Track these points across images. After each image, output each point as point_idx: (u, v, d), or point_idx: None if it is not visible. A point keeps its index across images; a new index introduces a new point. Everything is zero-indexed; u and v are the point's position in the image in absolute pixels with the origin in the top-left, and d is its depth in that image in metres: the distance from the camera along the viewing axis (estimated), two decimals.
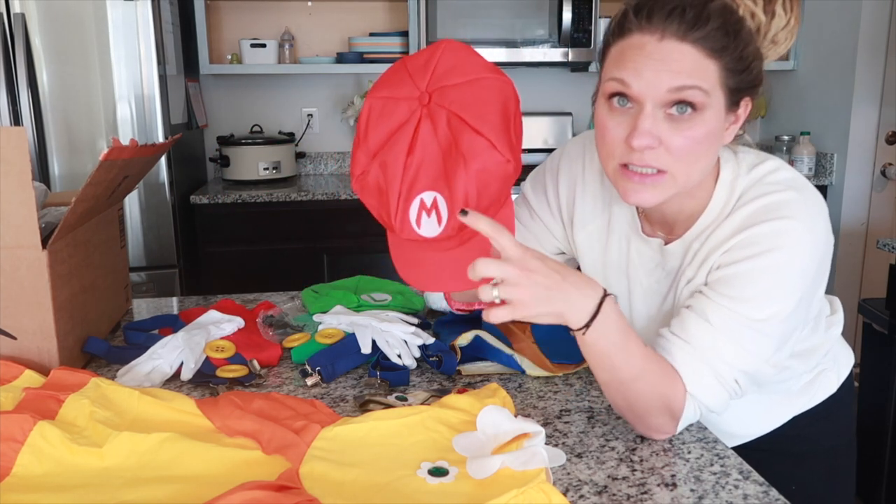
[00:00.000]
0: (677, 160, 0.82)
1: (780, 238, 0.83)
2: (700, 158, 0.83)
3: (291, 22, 3.18)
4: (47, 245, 0.97)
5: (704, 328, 0.84)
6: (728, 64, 0.80)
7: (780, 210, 0.84)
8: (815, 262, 0.84)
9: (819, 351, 1.03)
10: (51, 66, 2.36)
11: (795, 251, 0.83)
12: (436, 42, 0.85)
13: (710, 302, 0.85)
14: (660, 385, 0.82)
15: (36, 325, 0.99)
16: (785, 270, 0.83)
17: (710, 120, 0.81)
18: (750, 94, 0.85)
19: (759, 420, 1.05)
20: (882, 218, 3.00)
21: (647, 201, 0.85)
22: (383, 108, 0.87)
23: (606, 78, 0.84)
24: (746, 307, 0.83)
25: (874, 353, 2.06)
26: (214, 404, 0.87)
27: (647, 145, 0.80)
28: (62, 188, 2.43)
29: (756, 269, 0.83)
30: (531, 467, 0.72)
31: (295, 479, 0.72)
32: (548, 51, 2.97)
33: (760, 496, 0.74)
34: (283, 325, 1.23)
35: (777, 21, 0.86)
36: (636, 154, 0.81)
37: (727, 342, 0.83)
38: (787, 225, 0.83)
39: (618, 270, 1.02)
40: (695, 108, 0.80)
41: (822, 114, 3.07)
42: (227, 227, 2.71)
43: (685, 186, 0.85)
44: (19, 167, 0.92)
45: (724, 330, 0.83)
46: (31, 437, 0.77)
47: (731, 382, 0.84)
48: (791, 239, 0.83)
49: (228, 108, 3.22)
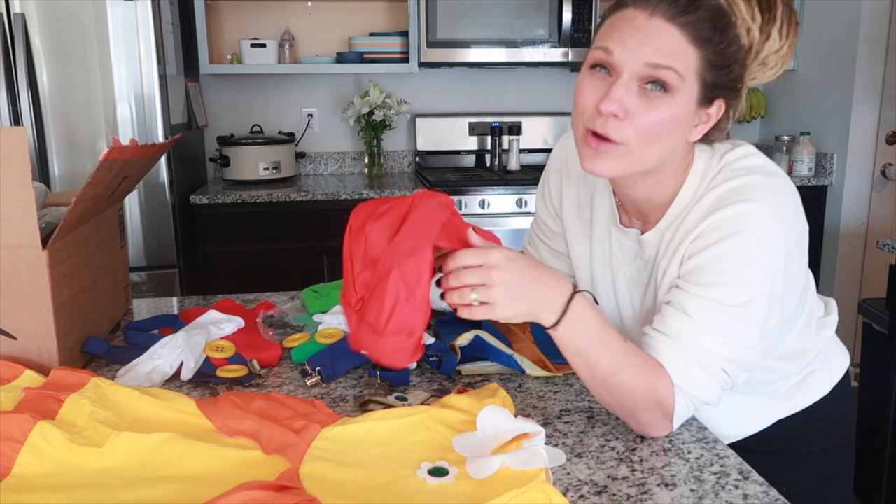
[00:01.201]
0: (638, 135, 0.83)
1: (743, 220, 0.83)
2: (659, 140, 0.84)
3: (291, 22, 3.18)
4: (47, 245, 0.97)
5: (683, 321, 0.84)
6: (709, 56, 0.82)
7: (742, 193, 0.85)
8: (784, 242, 0.84)
9: (809, 353, 1.03)
10: (51, 66, 2.36)
11: (761, 232, 0.83)
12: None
13: (685, 294, 0.86)
14: (644, 379, 0.82)
15: (36, 325, 0.99)
16: (752, 252, 0.83)
17: (680, 105, 0.83)
18: (725, 95, 0.86)
19: (745, 421, 1.05)
20: (882, 218, 3.00)
21: (602, 170, 0.86)
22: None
23: (593, 48, 0.86)
24: (720, 293, 0.83)
25: (874, 353, 2.06)
26: (214, 404, 0.87)
27: (613, 111, 0.82)
28: (62, 188, 2.43)
29: (723, 253, 0.84)
30: (531, 467, 0.72)
31: (295, 479, 0.72)
32: (548, 51, 2.97)
33: (760, 496, 0.74)
34: (283, 325, 1.23)
35: (771, 44, 0.87)
36: (601, 120, 0.84)
37: (707, 332, 0.83)
38: (750, 207, 0.83)
39: (602, 262, 1.03)
40: (667, 89, 0.82)
41: (822, 114, 3.07)
42: (227, 227, 2.71)
43: (639, 166, 0.86)
44: (19, 167, 0.92)
45: (702, 321, 0.84)
46: (31, 437, 0.77)
47: (718, 372, 0.84)
48: (755, 220, 0.83)
49: (228, 108, 3.22)
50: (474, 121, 3.27)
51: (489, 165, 3.25)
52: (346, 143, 3.33)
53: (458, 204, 2.79)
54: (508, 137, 3.16)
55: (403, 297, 0.78)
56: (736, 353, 0.84)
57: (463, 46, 2.93)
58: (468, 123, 3.27)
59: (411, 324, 0.78)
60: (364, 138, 3.22)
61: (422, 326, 0.79)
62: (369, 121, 3.13)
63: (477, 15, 2.91)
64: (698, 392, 0.84)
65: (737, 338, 0.84)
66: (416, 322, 0.78)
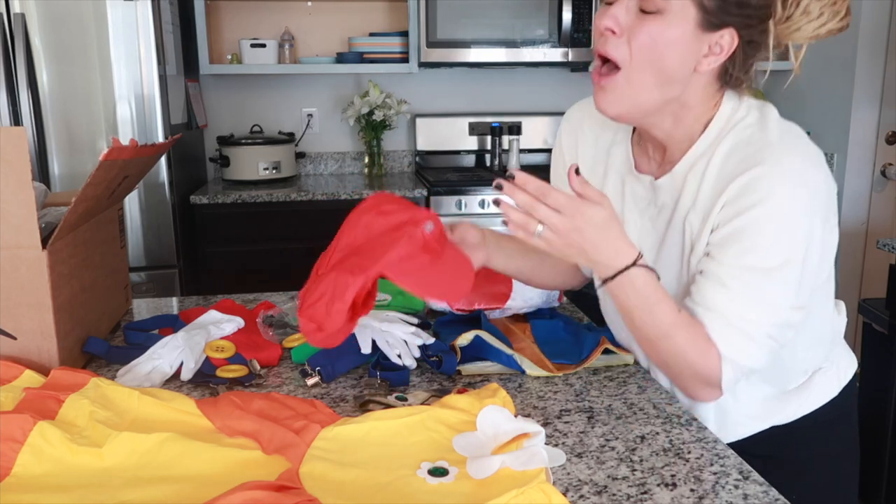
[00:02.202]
0: (634, 55, 0.85)
1: (772, 183, 0.83)
2: (656, 63, 0.85)
3: (291, 22, 3.18)
4: (47, 245, 0.97)
5: (722, 293, 0.86)
6: None
7: (772, 153, 0.85)
8: (813, 202, 0.84)
9: (824, 343, 1.03)
10: (51, 66, 2.36)
11: (792, 193, 0.83)
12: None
13: (720, 265, 0.86)
14: (690, 349, 0.85)
15: (36, 325, 0.99)
16: (784, 215, 0.83)
17: (675, 27, 0.83)
18: (735, 24, 0.85)
19: (752, 416, 1.04)
20: (882, 218, 3.00)
21: (605, 106, 0.89)
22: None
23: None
24: (756, 260, 0.84)
25: (874, 353, 2.06)
26: (214, 404, 0.87)
27: (608, 26, 0.85)
28: (62, 188, 2.43)
29: (755, 218, 0.84)
30: (531, 467, 0.72)
31: (295, 479, 0.72)
32: (548, 51, 2.97)
33: (760, 496, 0.74)
34: (283, 325, 1.23)
35: None
36: (601, 40, 0.87)
37: (748, 302, 0.85)
38: (779, 169, 0.84)
39: None
40: (658, 11, 0.83)
41: (822, 114, 3.07)
42: (227, 227, 2.71)
43: (643, 97, 0.87)
44: (19, 167, 0.92)
45: (741, 291, 0.85)
46: (31, 437, 0.77)
47: (764, 339, 0.86)
48: (784, 182, 0.83)
49: (228, 108, 3.22)
50: (474, 121, 3.27)
51: (489, 165, 3.25)
52: (346, 143, 3.33)
53: (458, 204, 2.79)
54: (508, 137, 3.16)
55: (327, 298, 0.86)
56: (779, 317, 0.85)
57: (463, 46, 2.93)
58: (468, 123, 3.27)
59: (321, 320, 0.86)
60: (364, 138, 3.22)
61: (332, 327, 0.86)
62: (369, 121, 3.13)
63: (477, 15, 2.91)
64: (746, 361, 0.86)
65: (776, 301, 0.85)
66: (327, 323, 0.86)
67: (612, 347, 1.09)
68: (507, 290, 1.24)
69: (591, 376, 1.05)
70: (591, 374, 1.06)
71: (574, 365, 1.07)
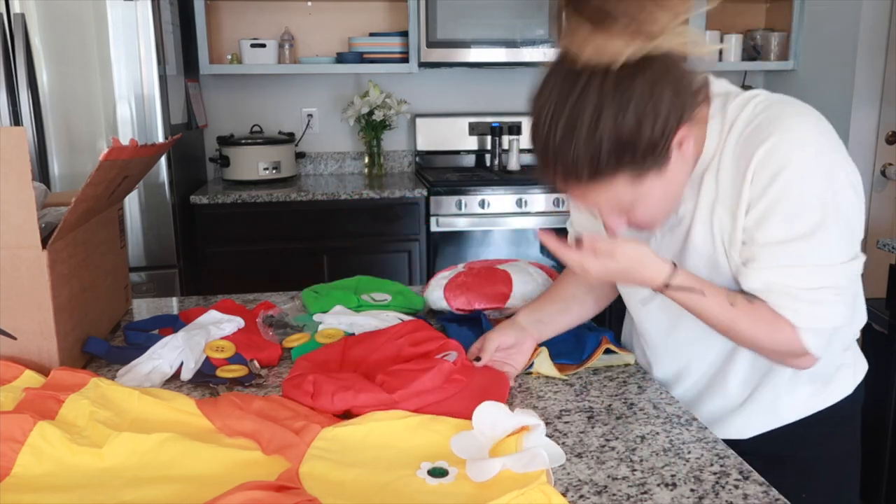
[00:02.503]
0: (643, 219, 0.90)
1: (789, 148, 0.84)
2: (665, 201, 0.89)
3: (291, 22, 3.18)
4: (47, 245, 0.97)
5: (776, 272, 0.87)
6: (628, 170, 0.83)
7: (777, 124, 0.86)
8: (828, 151, 0.86)
9: (847, 336, 1.03)
10: (51, 66, 2.36)
11: (807, 154, 0.84)
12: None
13: (764, 246, 0.87)
14: (763, 330, 0.88)
15: (36, 325, 0.98)
16: (807, 175, 0.84)
17: (648, 193, 0.85)
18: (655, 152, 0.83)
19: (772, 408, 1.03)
20: (882, 218, 3.00)
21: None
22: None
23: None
24: (796, 229, 0.85)
25: (874, 353, 2.05)
26: (214, 404, 0.87)
27: (620, 225, 0.90)
28: (62, 188, 2.43)
29: (782, 189, 0.84)
30: (532, 469, 0.72)
31: (295, 479, 0.72)
32: (548, 51, 2.96)
33: (760, 496, 0.74)
34: (283, 325, 1.23)
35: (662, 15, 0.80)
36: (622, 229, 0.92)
37: (803, 272, 0.86)
38: (789, 135, 0.85)
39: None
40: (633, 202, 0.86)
41: (822, 113, 3.07)
42: (227, 227, 2.70)
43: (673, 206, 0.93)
44: (19, 167, 0.92)
45: (792, 263, 0.86)
46: (31, 437, 0.77)
47: (832, 298, 0.86)
48: (797, 145, 0.84)
49: (228, 108, 3.22)
50: (474, 121, 3.27)
51: (489, 165, 3.25)
52: (346, 143, 3.33)
53: (458, 204, 2.79)
54: (508, 137, 3.16)
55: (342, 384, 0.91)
56: (840, 272, 0.86)
57: (463, 46, 2.93)
58: (468, 123, 3.27)
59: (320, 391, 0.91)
60: (364, 138, 3.22)
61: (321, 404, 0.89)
62: (369, 121, 3.12)
63: (477, 15, 2.91)
64: (825, 324, 0.87)
65: (832, 259, 0.85)
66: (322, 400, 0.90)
67: (614, 347, 1.09)
68: (507, 290, 1.24)
69: (592, 376, 1.05)
70: (591, 374, 1.06)
71: (576, 365, 1.07)
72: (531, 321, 1.09)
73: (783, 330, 0.88)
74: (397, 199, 2.78)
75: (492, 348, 1.03)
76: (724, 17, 3.37)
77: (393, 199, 2.77)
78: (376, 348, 1.05)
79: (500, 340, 1.04)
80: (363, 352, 1.05)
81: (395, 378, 0.92)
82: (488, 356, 1.03)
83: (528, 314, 1.11)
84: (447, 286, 1.26)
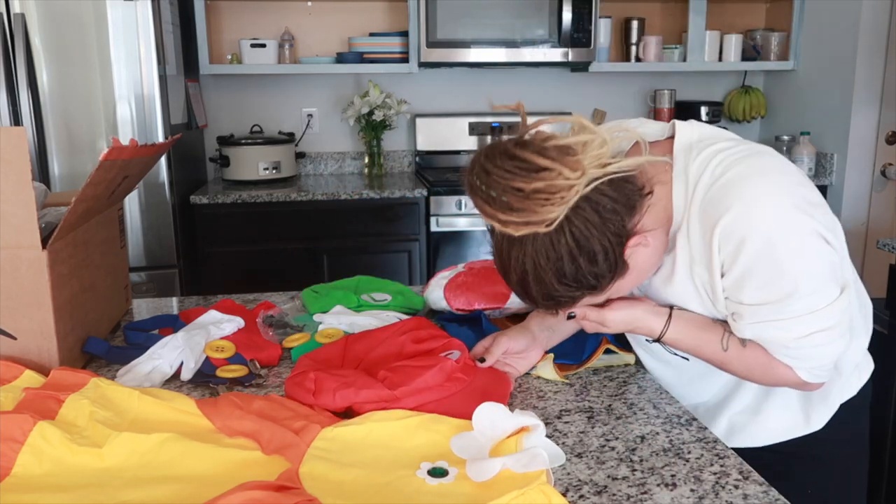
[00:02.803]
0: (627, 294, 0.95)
1: (749, 221, 0.83)
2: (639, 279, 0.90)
3: (291, 22, 3.18)
4: (47, 245, 0.97)
5: (765, 328, 0.87)
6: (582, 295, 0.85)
7: (732, 194, 0.84)
8: (790, 208, 0.83)
9: (848, 359, 1.03)
10: (51, 66, 2.36)
11: (770, 220, 0.83)
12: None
13: (748, 307, 0.87)
14: (758, 368, 0.91)
15: (36, 325, 0.98)
16: (775, 240, 0.83)
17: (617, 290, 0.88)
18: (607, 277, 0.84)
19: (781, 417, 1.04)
20: (882, 218, 3.00)
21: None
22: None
23: None
24: (771, 294, 0.85)
25: (874, 353, 2.05)
26: (214, 404, 0.87)
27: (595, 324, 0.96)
28: (62, 188, 2.43)
29: (750, 260, 0.84)
30: (532, 469, 0.72)
31: (295, 479, 0.72)
32: (548, 51, 2.97)
33: (760, 496, 0.74)
34: (283, 325, 1.23)
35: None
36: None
37: (792, 324, 0.86)
38: (746, 207, 0.83)
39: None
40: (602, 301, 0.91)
41: (822, 114, 3.07)
42: (227, 227, 2.70)
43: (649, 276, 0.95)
44: (19, 167, 0.92)
45: (780, 318, 0.86)
46: (31, 437, 0.77)
47: (822, 339, 0.87)
48: (757, 215, 0.83)
49: (228, 108, 3.22)
50: (474, 121, 3.27)
51: None
52: (346, 143, 3.33)
53: (458, 204, 2.79)
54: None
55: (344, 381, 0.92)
56: (826, 315, 0.86)
57: (463, 46, 2.93)
58: (468, 123, 3.27)
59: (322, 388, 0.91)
60: (364, 138, 3.22)
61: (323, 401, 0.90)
62: (369, 121, 3.12)
63: (477, 15, 2.90)
64: (820, 362, 0.89)
65: (819, 306, 0.85)
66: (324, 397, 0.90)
67: (614, 347, 1.09)
68: (507, 290, 1.24)
69: (592, 376, 1.05)
70: (592, 374, 1.06)
71: (576, 365, 1.06)
72: (542, 328, 1.08)
73: (779, 369, 0.91)
74: (397, 199, 2.78)
75: (499, 352, 1.03)
76: (724, 17, 3.37)
77: (393, 199, 2.77)
78: (379, 345, 1.05)
79: (509, 345, 1.04)
80: (365, 348, 1.05)
81: (397, 374, 0.92)
82: (494, 359, 1.02)
83: (540, 321, 1.09)
84: (447, 286, 1.26)
